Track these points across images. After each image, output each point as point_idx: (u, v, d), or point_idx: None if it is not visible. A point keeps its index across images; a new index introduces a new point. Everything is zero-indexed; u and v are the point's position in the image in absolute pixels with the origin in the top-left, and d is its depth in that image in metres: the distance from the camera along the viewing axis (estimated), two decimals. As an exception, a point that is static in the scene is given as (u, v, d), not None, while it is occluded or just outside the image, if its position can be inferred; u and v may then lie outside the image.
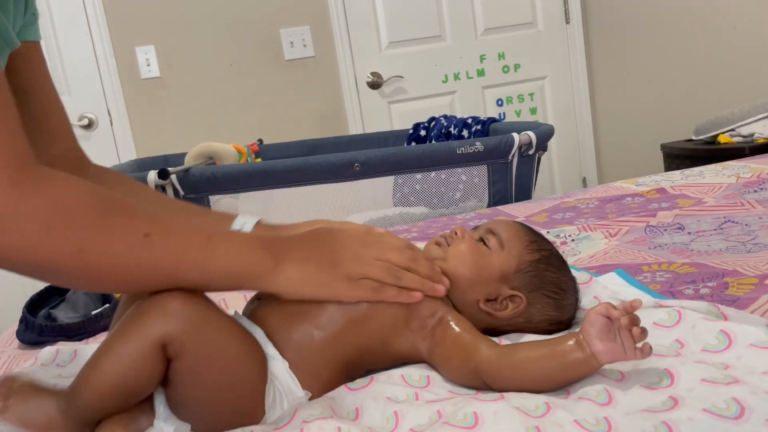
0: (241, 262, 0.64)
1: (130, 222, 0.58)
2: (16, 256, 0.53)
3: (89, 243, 0.55)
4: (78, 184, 0.57)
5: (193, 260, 0.61)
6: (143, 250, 0.58)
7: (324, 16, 3.01)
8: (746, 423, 0.49)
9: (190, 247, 0.61)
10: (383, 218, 1.86)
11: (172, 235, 0.60)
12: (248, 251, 0.64)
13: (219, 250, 0.62)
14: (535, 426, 0.53)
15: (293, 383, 0.65)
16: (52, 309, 1.14)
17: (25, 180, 0.53)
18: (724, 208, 1.27)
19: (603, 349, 0.58)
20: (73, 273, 0.56)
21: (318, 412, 0.59)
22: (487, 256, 0.76)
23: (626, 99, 3.23)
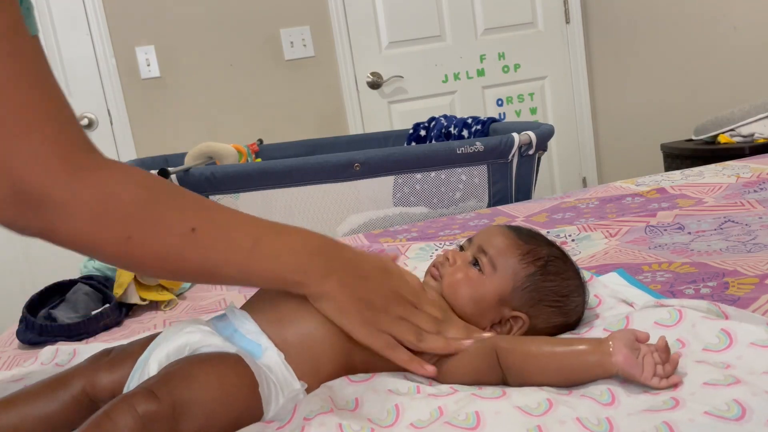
0: (286, 267, 0.63)
1: (178, 215, 0.58)
2: (67, 239, 0.55)
3: (136, 232, 0.56)
4: (130, 173, 0.58)
5: (237, 261, 0.61)
6: (188, 244, 0.58)
7: (324, 16, 3.01)
8: (747, 424, 0.49)
9: (234, 249, 0.61)
10: (383, 218, 1.86)
11: (219, 233, 0.60)
12: (295, 258, 0.64)
13: (264, 254, 0.62)
14: (536, 425, 0.53)
15: (289, 375, 0.64)
16: (52, 309, 1.14)
17: (79, 167, 0.54)
18: (724, 208, 1.27)
19: (623, 357, 0.58)
20: (120, 259, 0.58)
21: (318, 407, 0.59)
22: (482, 284, 0.74)
23: (626, 99, 3.23)
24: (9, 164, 0.51)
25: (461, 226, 1.49)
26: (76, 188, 0.53)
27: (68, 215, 0.53)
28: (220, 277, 0.62)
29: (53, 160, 0.53)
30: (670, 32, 2.94)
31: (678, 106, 2.95)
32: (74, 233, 0.54)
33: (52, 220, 0.53)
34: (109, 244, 0.56)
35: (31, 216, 0.53)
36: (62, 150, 0.53)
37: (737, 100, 2.50)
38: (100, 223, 0.54)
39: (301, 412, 0.59)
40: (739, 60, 2.69)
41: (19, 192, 0.52)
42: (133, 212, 0.56)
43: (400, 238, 1.44)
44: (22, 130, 0.52)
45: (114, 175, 0.56)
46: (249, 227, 0.63)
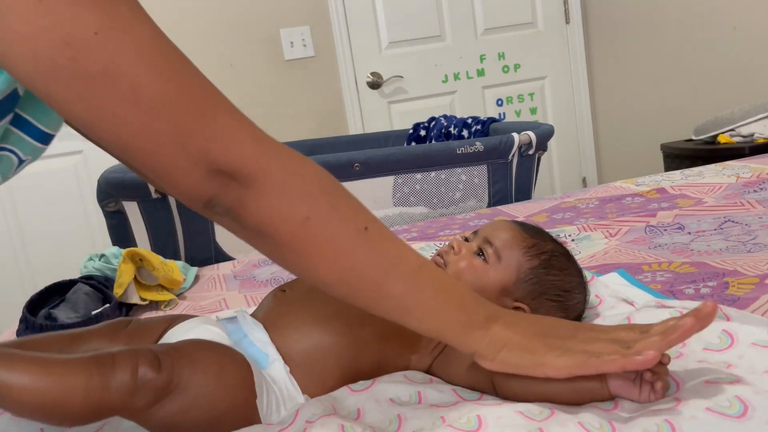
0: (452, 303, 0.59)
1: (354, 210, 0.58)
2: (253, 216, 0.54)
3: (316, 214, 0.55)
4: (308, 160, 0.58)
5: (405, 274, 0.58)
6: (361, 240, 0.57)
7: (324, 16, 3.01)
8: (749, 421, 0.49)
9: (404, 260, 0.58)
10: (383, 218, 1.86)
11: (390, 239, 0.59)
12: (459, 297, 0.60)
13: (429, 277, 0.59)
14: (538, 428, 0.53)
15: (293, 388, 0.64)
16: (52, 309, 1.14)
17: (265, 141, 0.55)
18: (724, 208, 1.27)
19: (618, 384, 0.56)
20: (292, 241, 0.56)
21: (320, 411, 0.59)
22: (485, 273, 0.74)
23: (626, 99, 3.23)
24: (204, 144, 0.51)
25: (461, 226, 1.49)
26: (265, 161, 0.54)
27: (257, 190, 0.54)
28: (385, 288, 0.57)
29: (242, 135, 0.53)
30: (670, 32, 2.95)
31: (678, 106, 2.95)
32: (261, 209, 0.54)
33: (243, 195, 0.54)
34: (288, 222, 0.55)
35: (226, 191, 0.53)
36: (247, 127, 0.54)
37: (737, 100, 2.50)
38: (284, 198, 0.54)
39: (303, 415, 0.59)
40: (739, 60, 2.69)
41: (215, 168, 0.52)
42: (314, 193, 0.56)
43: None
44: (209, 112, 0.52)
45: (297, 156, 0.57)
46: (414, 250, 0.60)
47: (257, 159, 0.54)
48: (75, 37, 0.47)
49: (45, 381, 0.53)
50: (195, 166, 0.52)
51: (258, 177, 0.54)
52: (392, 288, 0.57)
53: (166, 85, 0.50)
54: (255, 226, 0.55)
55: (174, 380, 0.57)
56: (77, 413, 0.54)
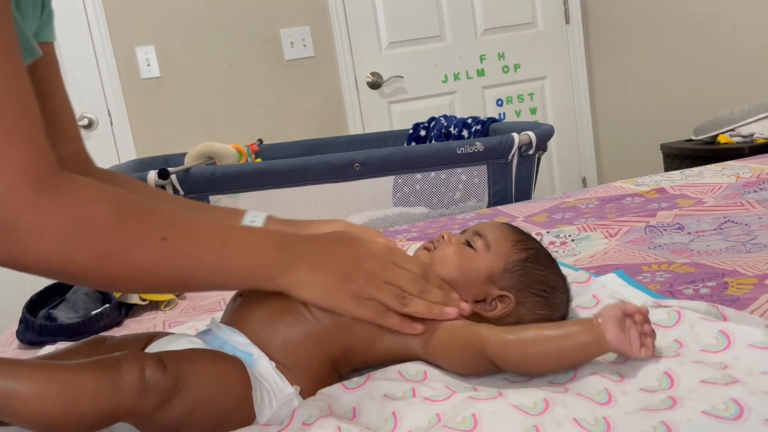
0: (255, 263, 0.64)
1: (147, 227, 0.59)
2: (37, 263, 0.54)
3: (108, 250, 0.56)
4: (97, 190, 0.57)
5: (208, 264, 0.62)
6: (160, 254, 0.59)
7: (324, 16, 3.01)
8: (745, 423, 0.49)
9: (205, 251, 0.62)
10: (383, 218, 1.86)
11: (189, 239, 0.61)
12: (262, 253, 0.65)
13: (233, 253, 0.63)
14: (534, 425, 0.53)
15: (281, 381, 0.65)
16: (52, 309, 1.14)
17: (47, 189, 0.53)
18: (724, 208, 1.27)
19: (614, 335, 0.60)
20: (93, 277, 0.58)
21: (317, 412, 0.59)
22: (474, 258, 0.76)
23: (626, 99, 3.23)
24: None
25: (461, 226, 1.49)
26: (44, 212, 0.53)
27: (35, 240, 0.53)
28: (195, 282, 0.63)
29: (22, 187, 0.52)
30: (670, 32, 2.94)
31: (678, 106, 2.95)
32: (43, 257, 0.54)
33: (18, 246, 0.52)
34: (80, 263, 0.55)
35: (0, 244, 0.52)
36: (31, 175, 0.53)
37: (737, 100, 2.50)
38: (71, 244, 0.54)
39: (299, 416, 0.59)
40: (739, 60, 2.69)
41: None
42: (105, 229, 0.56)
43: (400, 238, 1.44)
44: None
45: (84, 194, 0.56)
46: (216, 231, 0.64)
47: (37, 207, 0.52)
48: None
49: (53, 388, 0.52)
50: None
51: (37, 226, 0.52)
52: (200, 277, 0.62)
53: None
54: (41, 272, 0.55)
55: (180, 382, 0.58)
56: (87, 419, 0.54)
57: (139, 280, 0.59)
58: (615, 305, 0.62)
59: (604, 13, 3.24)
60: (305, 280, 0.66)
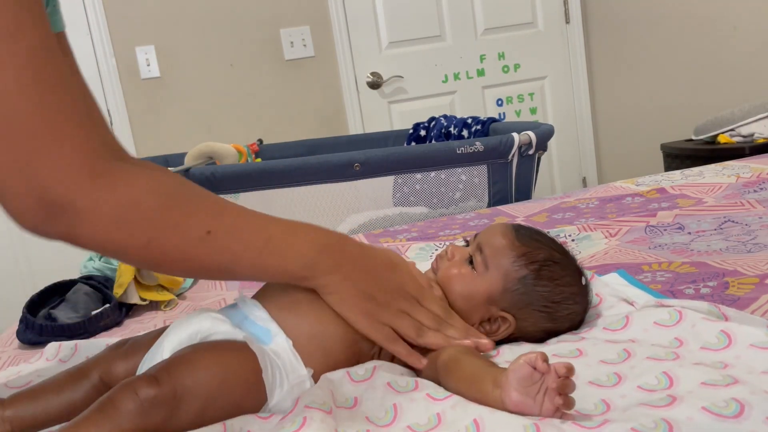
0: (294, 265, 0.66)
1: (193, 220, 0.61)
2: (91, 243, 0.57)
3: (155, 237, 0.58)
4: (148, 178, 0.59)
5: (249, 260, 0.64)
6: (205, 247, 0.61)
7: (324, 16, 3.01)
8: (746, 421, 0.49)
9: (246, 249, 0.64)
10: (383, 218, 1.86)
11: (232, 235, 0.63)
12: (303, 255, 0.67)
13: (274, 253, 0.65)
14: (534, 423, 0.53)
15: (296, 361, 0.65)
16: (52, 309, 1.14)
17: (101, 174, 0.55)
18: (724, 208, 1.27)
19: (516, 400, 0.55)
20: (141, 261, 0.61)
21: (321, 401, 0.59)
22: (473, 282, 0.75)
23: (626, 99, 3.23)
24: (34, 172, 0.52)
25: (461, 226, 1.49)
26: (99, 196, 0.55)
27: (90, 222, 0.55)
28: (235, 274, 0.66)
29: (77, 168, 0.54)
30: (669, 32, 2.94)
31: (678, 106, 2.95)
32: (96, 238, 0.57)
33: (74, 226, 0.55)
34: (130, 247, 0.58)
35: (55, 222, 0.54)
36: (86, 157, 0.55)
37: (737, 100, 2.50)
38: (121, 229, 0.57)
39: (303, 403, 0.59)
40: (739, 60, 2.69)
41: (44, 199, 0.53)
42: (153, 218, 0.58)
43: (400, 238, 1.44)
44: (48, 137, 0.53)
45: (136, 181, 0.58)
46: (260, 227, 0.66)
47: (91, 191, 0.54)
48: None
49: None
50: (28, 193, 0.53)
51: (90, 210, 0.55)
52: (241, 271, 0.65)
53: (22, 104, 0.51)
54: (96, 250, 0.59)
55: (178, 389, 0.58)
56: None
57: (184, 266, 0.63)
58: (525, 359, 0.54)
59: (604, 13, 3.24)
60: (335, 287, 0.68)
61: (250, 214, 0.66)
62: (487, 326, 0.75)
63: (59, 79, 0.54)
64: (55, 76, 0.54)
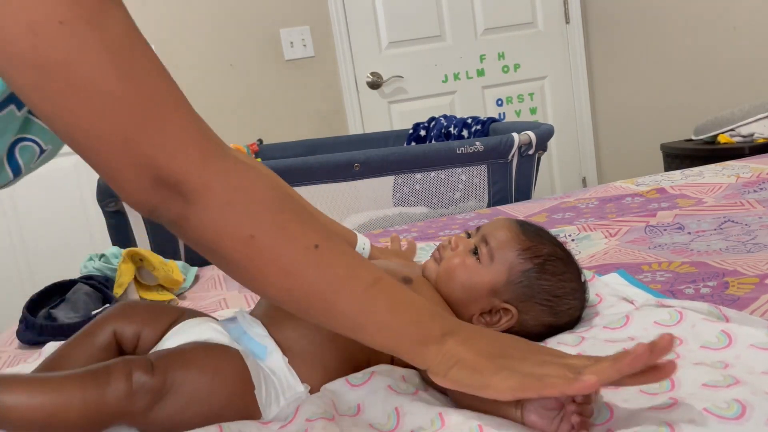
0: (405, 319, 0.57)
1: (304, 228, 0.56)
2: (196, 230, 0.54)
3: (261, 232, 0.55)
4: (261, 173, 0.57)
5: (355, 292, 0.57)
6: (309, 260, 0.56)
7: (324, 16, 3.01)
8: (748, 422, 0.49)
9: (354, 278, 0.57)
10: (383, 218, 1.86)
11: (342, 257, 0.57)
12: (416, 312, 0.58)
13: (384, 293, 0.58)
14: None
15: (292, 378, 0.65)
16: (52, 309, 1.14)
17: (213, 155, 0.54)
18: (724, 208, 1.27)
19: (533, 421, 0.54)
20: (241, 260, 0.55)
21: (321, 410, 0.59)
22: (476, 273, 0.75)
23: (626, 99, 3.23)
24: (149, 152, 0.51)
25: (461, 226, 1.49)
26: (209, 177, 0.53)
27: (200, 206, 0.53)
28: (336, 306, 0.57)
29: (190, 148, 0.53)
30: (669, 32, 2.95)
31: (678, 106, 2.95)
32: (203, 225, 0.54)
33: (185, 209, 0.53)
34: (232, 239, 0.54)
35: (169, 203, 0.53)
36: (197, 138, 0.54)
37: (737, 100, 2.50)
38: (227, 215, 0.54)
39: (303, 413, 0.59)
40: (739, 60, 2.69)
41: (159, 178, 0.52)
42: (260, 211, 0.55)
43: (400, 238, 1.44)
44: (160, 118, 0.51)
45: (246, 171, 0.56)
46: (370, 265, 0.59)
47: (202, 174, 0.53)
48: (40, 25, 0.46)
49: (40, 398, 0.55)
50: (140, 174, 0.51)
51: (201, 192, 0.53)
52: (343, 306, 0.57)
53: (122, 85, 0.49)
54: (198, 241, 0.55)
55: (168, 381, 0.59)
56: (76, 425, 0.56)
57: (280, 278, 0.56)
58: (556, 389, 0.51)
59: (604, 13, 3.24)
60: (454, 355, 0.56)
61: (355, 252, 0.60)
62: (488, 317, 0.75)
63: (151, 60, 0.53)
64: (148, 57, 0.52)
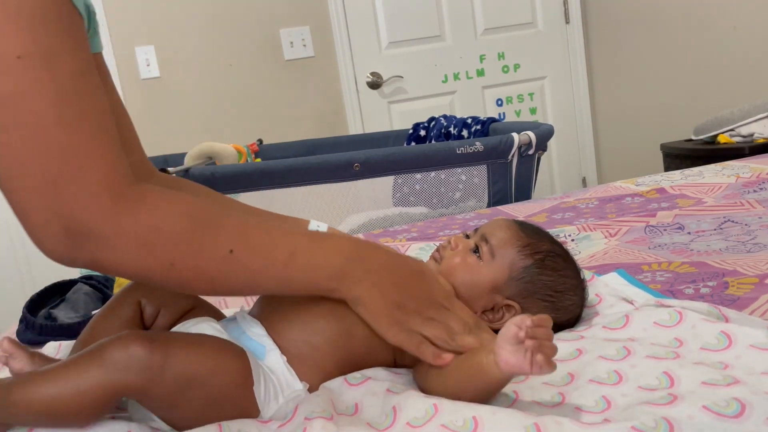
0: (320, 277, 0.65)
1: (216, 239, 0.61)
2: (116, 269, 0.58)
3: (179, 259, 0.59)
4: (170, 201, 0.60)
5: (274, 275, 0.64)
6: (228, 266, 0.61)
7: (324, 16, 3.01)
8: (747, 421, 0.49)
9: (271, 265, 0.63)
10: (383, 218, 1.86)
11: (256, 252, 0.63)
12: (329, 266, 0.66)
13: (299, 267, 0.64)
14: (534, 423, 0.53)
15: (290, 376, 0.66)
16: (52, 309, 1.14)
17: (123, 199, 0.56)
18: (724, 208, 1.27)
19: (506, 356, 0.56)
20: (168, 283, 0.61)
21: (320, 409, 0.59)
22: (478, 270, 0.76)
23: (626, 99, 3.23)
24: (60, 202, 0.53)
25: (461, 226, 1.49)
26: (122, 222, 0.56)
27: (113, 248, 0.56)
28: (262, 289, 0.67)
29: (102, 198, 0.55)
30: (669, 32, 2.94)
31: (678, 106, 2.95)
32: (121, 263, 0.57)
33: (99, 252, 0.56)
34: (154, 271, 0.59)
35: (80, 250, 0.55)
36: (111, 182, 0.56)
37: (737, 100, 2.50)
38: (145, 254, 0.57)
39: (302, 412, 0.59)
40: (739, 60, 2.69)
41: (69, 228, 0.54)
42: (175, 242, 0.59)
43: (400, 238, 1.44)
44: (83, 167, 0.54)
45: (158, 206, 0.59)
46: (286, 242, 0.65)
47: (113, 219, 0.55)
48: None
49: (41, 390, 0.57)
50: (51, 221, 0.54)
51: (114, 238, 0.56)
52: (267, 286, 0.65)
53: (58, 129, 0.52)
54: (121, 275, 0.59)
55: (169, 358, 0.59)
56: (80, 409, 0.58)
57: (207, 286, 0.62)
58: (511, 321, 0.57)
59: (604, 13, 3.24)
60: (363, 298, 0.66)
61: (275, 228, 0.66)
62: (490, 315, 0.76)
63: (94, 106, 0.55)
64: (91, 103, 0.55)
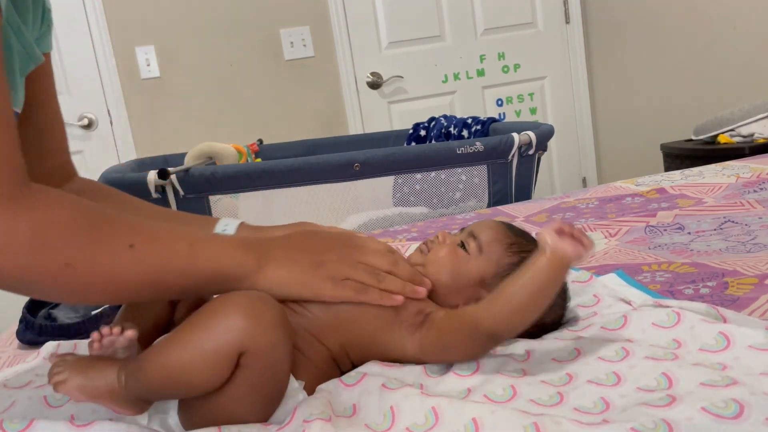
0: (225, 264, 0.65)
1: (115, 234, 0.59)
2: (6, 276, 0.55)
3: (75, 257, 0.56)
4: (64, 200, 0.58)
5: (178, 268, 0.62)
6: (128, 261, 0.59)
7: (324, 16, 3.01)
8: (745, 422, 0.49)
9: (173, 255, 0.62)
10: (383, 218, 1.86)
11: (156, 244, 0.62)
12: (231, 254, 0.65)
13: (202, 255, 0.63)
14: (533, 422, 0.53)
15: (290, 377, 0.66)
16: (52, 309, 1.14)
17: (15, 199, 0.54)
18: (724, 208, 1.27)
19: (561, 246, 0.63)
20: (60, 287, 0.58)
21: (318, 411, 0.59)
22: (465, 262, 0.76)
23: (626, 99, 3.23)
24: None
25: (461, 226, 1.49)
26: (10, 222, 0.53)
27: (5, 249, 0.53)
28: (165, 287, 0.63)
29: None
30: (670, 32, 2.94)
31: (678, 106, 2.95)
32: (11, 267, 0.54)
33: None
34: (47, 273, 0.56)
35: None
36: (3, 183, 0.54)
37: (737, 100, 2.50)
38: (38, 252, 0.54)
39: (300, 414, 0.59)
40: (739, 60, 2.69)
41: None
42: (71, 237, 0.56)
43: (400, 238, 1.44)
44: None
45: (48, 202, 0.56)
46: (183, 236, 0.65)
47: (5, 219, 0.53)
48: None
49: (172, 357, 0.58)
50: None
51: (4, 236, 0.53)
52: (171, 281, 0.62)
53: None
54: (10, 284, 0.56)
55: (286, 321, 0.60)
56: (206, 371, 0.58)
57: (107, 288, 0.60)
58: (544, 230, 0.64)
59: (604, 13, 3.24)
60: (278, 277, 0.66)
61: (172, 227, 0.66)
62: None
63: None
64: None
